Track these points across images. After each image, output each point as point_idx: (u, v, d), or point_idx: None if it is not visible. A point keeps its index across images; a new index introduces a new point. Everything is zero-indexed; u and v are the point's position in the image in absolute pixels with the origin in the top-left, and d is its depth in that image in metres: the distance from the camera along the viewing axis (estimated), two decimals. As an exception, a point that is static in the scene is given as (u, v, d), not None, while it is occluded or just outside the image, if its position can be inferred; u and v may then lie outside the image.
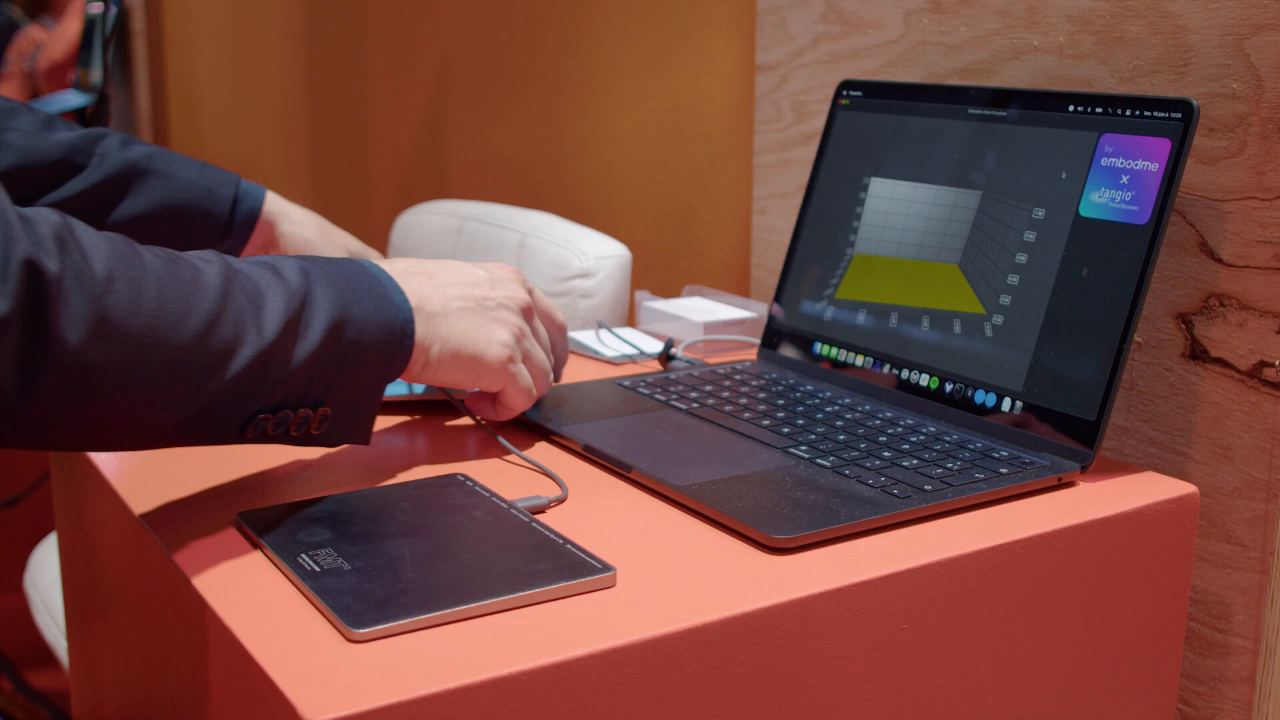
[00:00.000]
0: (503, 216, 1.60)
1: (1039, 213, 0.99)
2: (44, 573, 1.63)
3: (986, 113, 1.05)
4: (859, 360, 1.10)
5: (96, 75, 4.05)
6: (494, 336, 0.92)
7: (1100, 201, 0.95)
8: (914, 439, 0.96)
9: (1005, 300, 1.00)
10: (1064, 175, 0.98)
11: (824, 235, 1.16)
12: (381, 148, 2.43)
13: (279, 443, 0.82)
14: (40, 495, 1.93)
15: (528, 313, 0.97)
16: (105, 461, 0.92)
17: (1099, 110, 0.97)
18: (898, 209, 1.10)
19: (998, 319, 1.00)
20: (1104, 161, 0.96)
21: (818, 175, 1.19)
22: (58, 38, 4.29)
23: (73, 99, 4.23)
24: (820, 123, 1.34)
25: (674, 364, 1.18)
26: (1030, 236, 0.99)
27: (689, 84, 1.59)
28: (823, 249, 1.16)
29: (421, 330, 0.87)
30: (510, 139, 1.99)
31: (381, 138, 2.43)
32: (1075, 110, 0.98)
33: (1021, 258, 0.99)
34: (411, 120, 2.29)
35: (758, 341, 1.27)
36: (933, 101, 1.10)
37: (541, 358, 0.98)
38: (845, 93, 1.18)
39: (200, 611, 0.71)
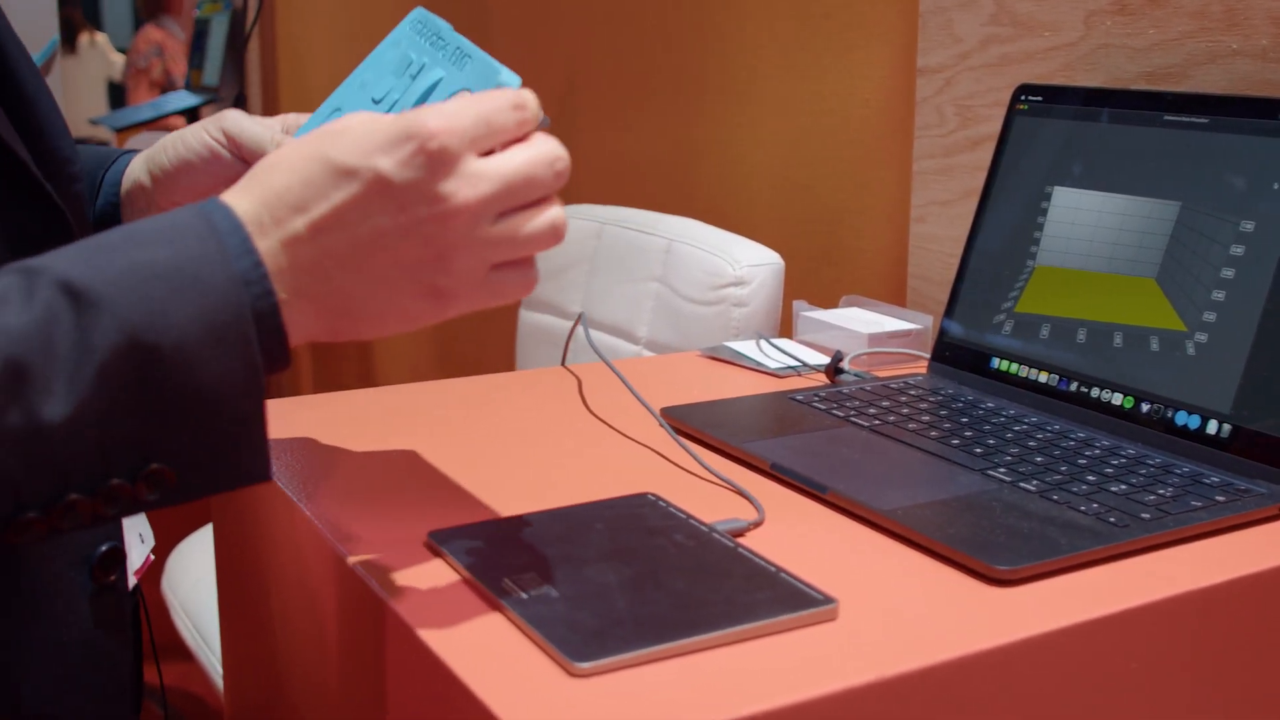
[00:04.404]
0: (645, 221, 1.57)
1: (1247, 225, 0.94)
2: (183, 577, 1.62)
3: (1185, 119, 1.00)
4: (1042, 377, 1.05)
5: (211, 76, 4.09)
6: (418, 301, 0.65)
7: (1320, 214, 0.90)
8: (1115, 462, 0.91)
9: (1210, 317, 0.94)
10: (1276, 186, 0.93)
11: (1001, 246, 1.12)
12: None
13: (92, 527, 0.60)
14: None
15: (476, 211, 0.63)
16: (283, 475, 0.90)
17: (1317, 117, 0.92)
18: (1085, 219, 1.06)
19: (1201, 336, 0.95)
20: (1323, 172, 0.91)
21: (993, 183, 1.14)
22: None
23: (185, 99, 4.29)
24: (987, 128, 1.29)
25: (842, 377, 1.14)
26: (1238, 250, 0.94)
27: (840, 87, 1.54)
28: (1000, 260, 1.12)
29: (287, 296, 0.62)
30: (641, 142, 1.96)
31: (504, 140, 2.41)
32: (1290, 117, 0.93)
33: (1228, 272, 0.94)
34: (537, 122, 2.27)
35: (922, 354, 1.23)
36: (1123, 108, 1.05)
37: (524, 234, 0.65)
38: (1023, 98, 1.14)
39: (405, 638, 0.69)
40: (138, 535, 0.89)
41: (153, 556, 0.82)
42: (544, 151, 0.65)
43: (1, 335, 0.55)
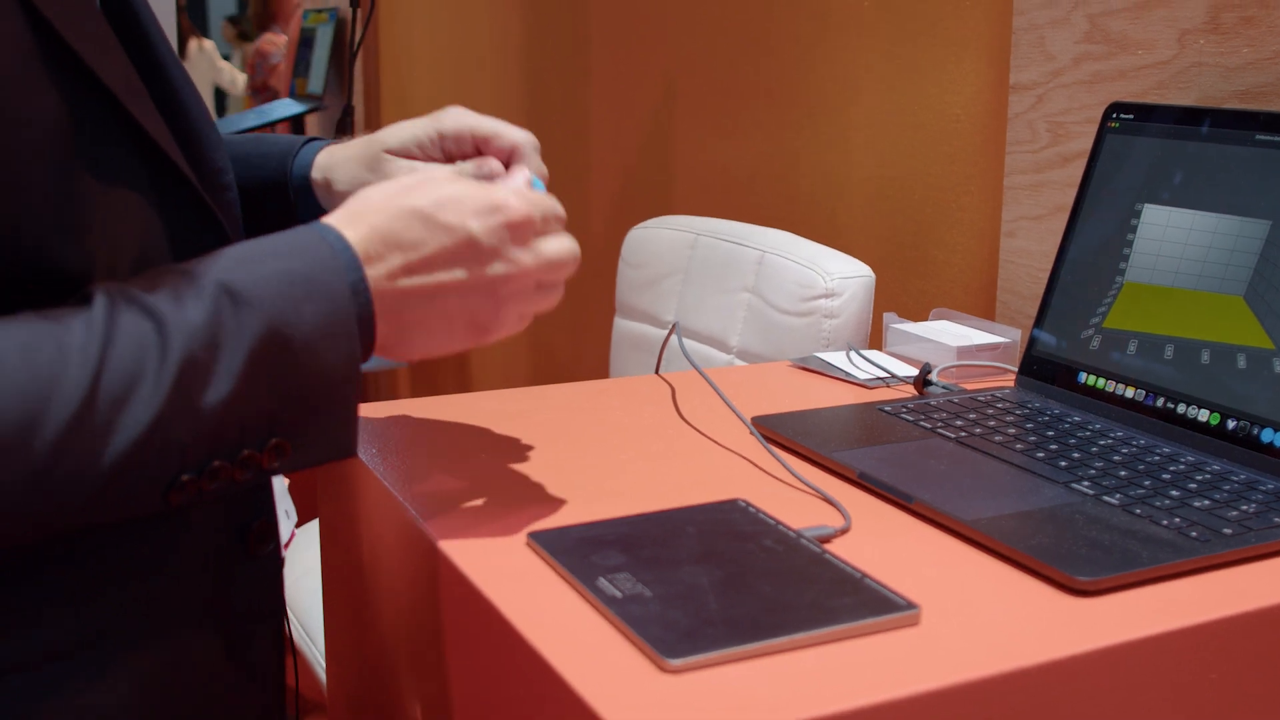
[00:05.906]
0: (739, 233, 1.60)
1: (1337, 245, 0.95)
2: (286, 573, 1.68)
3: (1277, 139, 1.01)
4: (1129, 392, 1.06)
5: (316, 84, 4.18)
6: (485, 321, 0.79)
7: None
8: (1199, 478, 0.93)
9: (1298, 335, 0.95)
10: (1367, 206, 0.94)
11: (1091, 261, 1.13)
12: (601, 162, 2.45)
13: (225, 493, 0.72)
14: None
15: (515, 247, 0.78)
16: (387, 475, 0.94)
17: None
18: (1174, 237, 1.07)
19: (1289, 355, 0.96)
20: None
21: (1083, 199, 1.16)
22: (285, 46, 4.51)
23: (290, 106, 4.38)
24: (1078, 145, 1.31)
25: (930, 389, 1.16)
26: (1327, 270, 0.95)
27: (932, 102, 1.56)
28: (1089, 276, 1.13)
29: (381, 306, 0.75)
30: (737, 154, 1.99)
31: (601, 152, 2.45)
32: (1381, 138, 0.94)
33: (1317, 292, 0.95)
34: (633, 134, 2.31)
35: (1010, 367, 1.25)
36: (1215, 126, 1.06)
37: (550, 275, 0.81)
38: (1115, 115, 1.15)
39: (504, 634, 0.72)
40: (283, 511, 0.95)
41: (295, 531, 0.90)
42: (573, 246, 0.81)
43: (187, 327, 0.67)
